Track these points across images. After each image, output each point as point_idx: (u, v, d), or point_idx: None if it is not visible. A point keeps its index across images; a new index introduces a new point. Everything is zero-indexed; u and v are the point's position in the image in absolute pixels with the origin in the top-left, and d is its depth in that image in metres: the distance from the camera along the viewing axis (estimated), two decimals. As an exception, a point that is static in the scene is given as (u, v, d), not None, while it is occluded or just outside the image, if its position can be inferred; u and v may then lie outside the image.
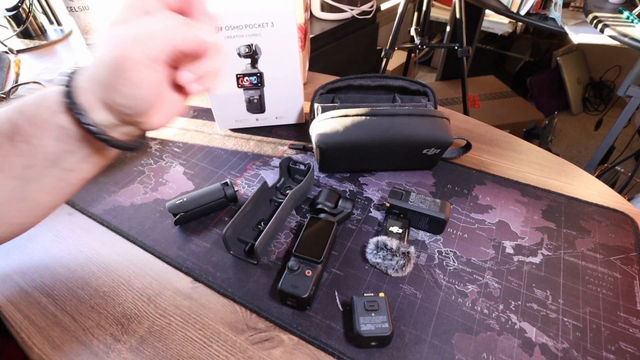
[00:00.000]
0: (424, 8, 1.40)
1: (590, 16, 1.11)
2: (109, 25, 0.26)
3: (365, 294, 0.38)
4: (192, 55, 0.27)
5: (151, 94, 0.27)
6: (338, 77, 0.58)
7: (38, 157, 0.30)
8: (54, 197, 0.33)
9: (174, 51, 0.25)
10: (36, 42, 0.83)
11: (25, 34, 0.84)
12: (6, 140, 0.29)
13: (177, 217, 0.46)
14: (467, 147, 0.57)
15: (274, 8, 0.51)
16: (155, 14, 0.26)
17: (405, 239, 0.45)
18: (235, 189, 0.50)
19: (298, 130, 0.64)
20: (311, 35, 1.24)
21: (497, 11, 1.40)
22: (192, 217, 0.48)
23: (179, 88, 0.30)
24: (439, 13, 2.19)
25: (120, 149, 0.30)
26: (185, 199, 0.47)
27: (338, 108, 0.51)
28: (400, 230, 0.45)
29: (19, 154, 0.30)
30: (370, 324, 0.35)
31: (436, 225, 0.45)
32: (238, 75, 0.57)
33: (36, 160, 0.30)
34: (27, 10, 0.82)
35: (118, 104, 0.27)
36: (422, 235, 0.46)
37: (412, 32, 1.50)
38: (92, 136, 0.28)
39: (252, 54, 0.54)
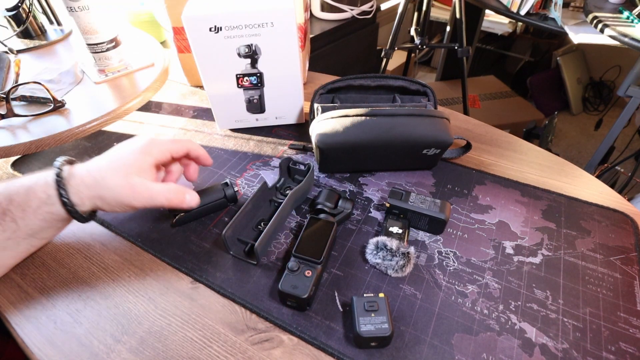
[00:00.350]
0: (424, 8, 1.40)
1: (590, 16, 1.11)
2: (127, 164, 0.39)
3: (365, 294, 0.38)
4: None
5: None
6: (338, 77, 0.58)
7: (20, 232, 0.38)
8: (19, 260, 0.42)
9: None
10: (36, 42, 0.83)
11: (25, 34, 0.84)
12: None
13: (177, 217, 0.46)
14: (467, 147, 0.57)
15: (274, 8, 0.51)
16: (163, 184, 0.41)
17: (405, 239, 0.45)
18: (235, 189, 0.51)
19: (298, 130, 0.64)
20: (311, 35, 1.24)
21: (497, 11, 1.40)
22: (191, 218, 0.48)
23: None
24: (439, 13, 2.19)
25: (86, 221, 0.41)
26: None
27: (338, 108, 0.51)
28: (400, 231, 0.45)
29: (4, 229, 0.37)
30: (370, 324, 0.35)
31: (436, 226, 0.45)
32: (238, 76, 0.57)
33: (18, 234, 0.38)
34: (27, 10, 0.82)
35: (106, 210, 0.40)
36: (422, 235, 0.46)
37: (412, 32, 1.50)
38: (75, 219, 0.39)
39: (252, 54, 0.54)
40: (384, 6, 1.90)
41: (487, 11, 1.90)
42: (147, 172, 0.40)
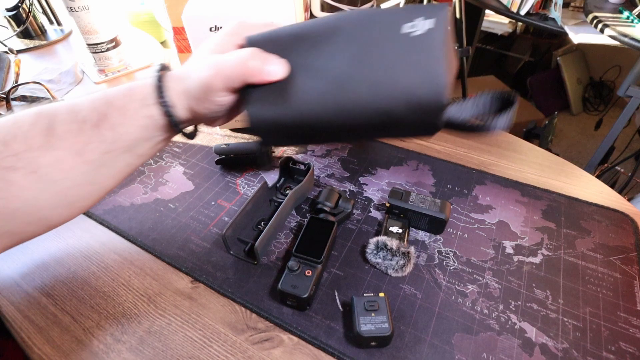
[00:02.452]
0: (424, 8, 1.40)
1: (590, 16, 1.11)
2: (207, 49, 0.34)
3: (365, 294, 0.38)
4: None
5: (224, 110, 0.34)
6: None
7: (118, 144, 0.34)
8: (117, 181, 0.37)
9: (245, 83, 0.32)
10: (36, 42, 0.83)
11: (25, 34, 0.84)
12: (91, 127, 0.33)
13: (221, 157, 0.55)
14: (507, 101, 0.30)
15: (273, 8, 0.51)
16: (238, 50, 0.33)
17: (405, 239, 0.45)
18: (271, 151, 0.57)
19: (298, 130, 0.64)
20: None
21: (497, 11, 1.40)
22: (229, 161, 0.56)
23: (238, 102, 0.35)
24: (439, 13, 2.19)
25: (187, 137, 0.37)
26: (229, 145, 0.55)
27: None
28: (400, 230, 0.45)
29: (102, 140, 0.33)
30: (370, 324, 0.35)
31: (436, 225, 0.45)
32: (238, 75, 0.56)
33: (116, 146, 0.34)
34: (27, 10, 0.82)
35: (199, 112, 0.34)
36: (422, 235, 0.46)
37: (412, 32, 1.50)
38: (173, 127, 0.34)
39: (252, 54, 0.54)
40: (383, 6, 1.90)
41: (487, 11, 1.90)
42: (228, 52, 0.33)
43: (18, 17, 0.82)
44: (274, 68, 0.31)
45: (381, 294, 0.37)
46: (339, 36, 0.30)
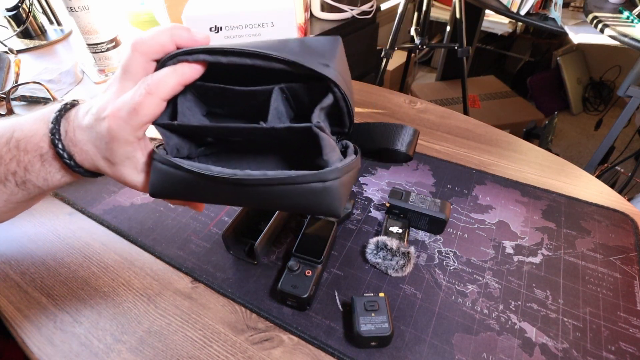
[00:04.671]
0: (424, 8, 1.40)
1: (590, 16, 1.11)
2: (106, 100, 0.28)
3: (365, 294, 0.38)
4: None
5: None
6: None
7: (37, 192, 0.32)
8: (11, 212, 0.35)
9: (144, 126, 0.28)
10: (36, 42, 0.83)
11: (25, 34, 0.84)
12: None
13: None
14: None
15: (274, 8, 0.51)
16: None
17: (405, 239, 0.45)
18: None
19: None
20: (311, 35, 1.24)
21: (497, 11, 1.40)
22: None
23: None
24: (439, 13, 2.19)
25: (91, 177, 0.32)
26: None
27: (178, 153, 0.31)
28: (400, 230, 0.45)
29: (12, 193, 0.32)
30: (370, 324, 0.35)
31: (436, 225, 0.45)
32: (238, 75, 0.57)
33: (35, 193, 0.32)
34: (27, 10, 0.82)
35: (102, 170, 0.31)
36: (422, 235, 0.46)
37: (412, 32, 1.50)
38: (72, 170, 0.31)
39: (252, 54, 0.54)
40: (384, 6, 1.90)
41: (487, 11, 1.90)
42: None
43: (18, 17, 0.82)
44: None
45: (381, 294, 0.37)
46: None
